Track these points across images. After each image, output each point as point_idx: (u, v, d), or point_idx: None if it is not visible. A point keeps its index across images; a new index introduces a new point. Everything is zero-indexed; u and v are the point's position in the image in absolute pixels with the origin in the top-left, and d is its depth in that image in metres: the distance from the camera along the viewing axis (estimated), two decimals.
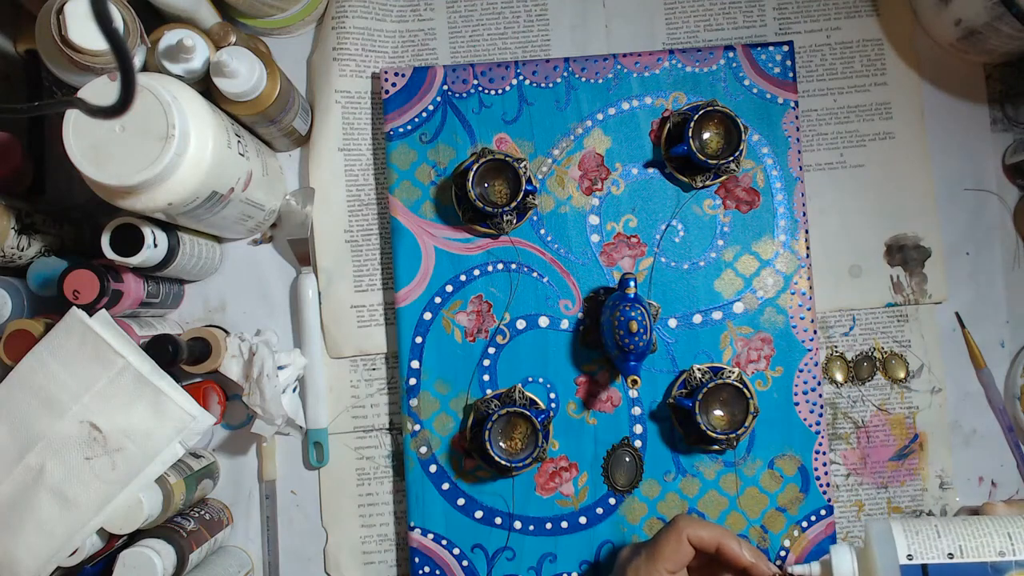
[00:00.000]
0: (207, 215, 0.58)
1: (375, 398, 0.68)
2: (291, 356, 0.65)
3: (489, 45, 0.70)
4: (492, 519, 0.64)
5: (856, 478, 0.68)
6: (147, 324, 0.63)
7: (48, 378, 0.56)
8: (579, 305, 0.65)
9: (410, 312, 0.65)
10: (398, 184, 0.66)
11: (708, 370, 0.63)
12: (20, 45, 0.66)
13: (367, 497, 0.68)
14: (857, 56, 0.69)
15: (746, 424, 0.61)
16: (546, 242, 0.66)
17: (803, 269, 0.65)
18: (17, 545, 0.55)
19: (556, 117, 0.66)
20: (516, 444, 0.63)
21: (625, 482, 0.64)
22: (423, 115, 0.66)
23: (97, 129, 0.49)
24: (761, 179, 0.66)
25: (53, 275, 0.59)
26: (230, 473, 0.68)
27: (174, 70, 0.55)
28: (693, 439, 0.63)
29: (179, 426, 0.57)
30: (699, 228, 0.66)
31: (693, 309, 0.65)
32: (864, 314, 0.68)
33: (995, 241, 0.69)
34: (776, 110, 0.66)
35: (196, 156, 0.52)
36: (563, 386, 0.65)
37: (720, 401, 0.62)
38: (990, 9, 0.61)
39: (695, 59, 0.66)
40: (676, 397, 0.63)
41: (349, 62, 0.68)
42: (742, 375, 0.63)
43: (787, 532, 0.64)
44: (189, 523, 0.61)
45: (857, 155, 0.69)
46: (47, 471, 0.55)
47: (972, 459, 0.68)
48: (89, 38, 0.51)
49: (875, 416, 0.68)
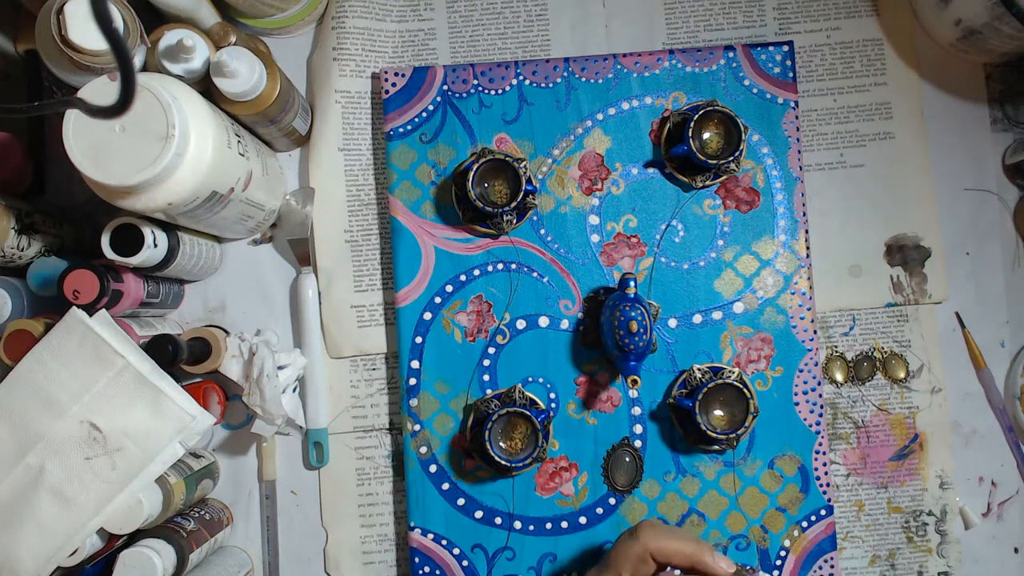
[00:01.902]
0: (207, 215, 0.58)
1: (375, 398, 0.68)
2: (291, 356, 0.65)
3: (489, 45, 0.70)
4: (492, 519, 0.64)
5: (856, 478, 0.67)
6: (147, 324, 0.63)
7: (48, 378, 0.56)
8: (579, 305, 0.65)
9: (410, 312, 0.65)
10: (398, 184, 0.66)
11: (708, 370, 0.63)
12: (20, 45, 0.66)
13: (367, 497, 0.68)
14: (857, 56, 0.69)
15: (746, 424, 0.61)
16: (546, 242, 0.66)
17: (803, 269, 0.65)
18: (17, 545, 0.55)
19: (556, 117, 0.66)
20: (516, 444, 0.63)
21: (625, 482, 0.64)
22: (423, 115, 0.66)
23: (97, 129, 0.49)
24: (761, 179, 0.66)
25: (53, 275, 0.59)
26: (230, 473, 0.68)
27: (174, 70, 0.55)
28: (693, 439, 0.63)
29: (179, 426, 0.57)
30: (699, 228, 0.66)
31: (693, 309, 0.65)
32: (864, 314, 0.68)
33: (995, 241, 0.69)
34: (776, 110, 0.66)
35: (196, 156, 0.52)
36: (563, 386, 0.65)
37: (720, 401, 0.62)
38: (990, 9, 0.61)
39: (695, 59, 0.66)
40: (676, 397, 0.63)
41: (349, 62, 0.68)
42: (742, 375, 0.63)
43: (787, 532, 0.64)
44: (189, 523, 0.61)
45: (857, 155, 0.69)
46: (47, 471, 0.55)
47: (972, 459, 0.68)
48: (89, 38, 0.51)
49: (875, 416, 0.68)
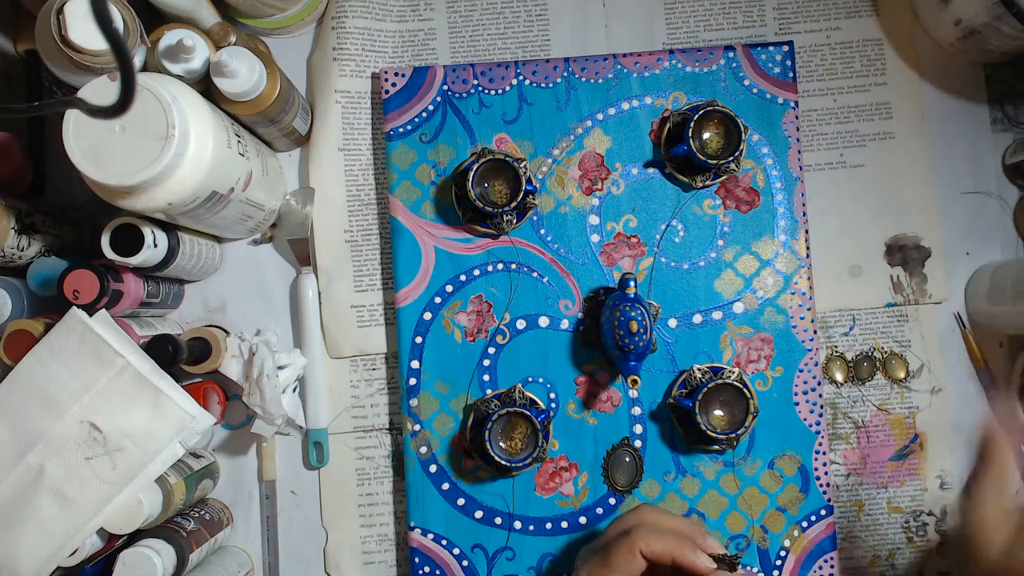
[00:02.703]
0: (207, 215, 0.58)
1: (375, 398, 0.68)
2: (291, 356, 0.65)
3: (489, 45, 0.70)
4: (492, 519, 0.64)
5: (856, 478, 0.67)
6: (147, 324, 0.63)
7: (48, 378, 0.56)
8: (579, 305, 0.65)
9: (410, 312, 0.65)
10: (398, 184, 0.66)
11: (708, 370, 0.63)
12: (20, 45, 0.66)
13: (367, 497, 0.68)
14: (857, 56, 0.69)
15: (746, 424, 0.61)
16: (546, 242, 0.66)
17: (803, 269, 0.65)
18: (17, 545, 0.55)
19: (556, 117, 0.66)
20: (516, 444, 0.63)
21: (625, 482, 0.64)
22: (423, 115, 0.66)
23: (97, 129, 0.49)
24: (761, 179, 0.66)
25: (53, 275, 0.59)
26: (230, 473, 0.68)
27: (174, 70, 0.55)
28: (693, 439, 0.63)
29: (179, 426, 0.57)
30: (699, 228, 0.66)
31: (693, 309, 0.65)
32: (864, 314, 0.68)
33: (995, 241, 0.69)
34: (776, 110, 0.66)
35: (196, 156, 0.52)
36: (563, 386, 0.65)
37: (720, 401, 0.62)
38: (990, 9, 0.61)
39: (695, 59, 0.66)
40: (676, 397, 0.63)
41: (349, 62, 0.68)
42: (742, 375, 0.63)
43: (787, 532, 0.64)
44: (189, 523, 0.61)
45: (857, 155, 0.69)
46: (47, 471, 0.55)
47: (972, 459, 0.68)
48: (89, 38, 0.51)
49: (875, 416, 0.68)
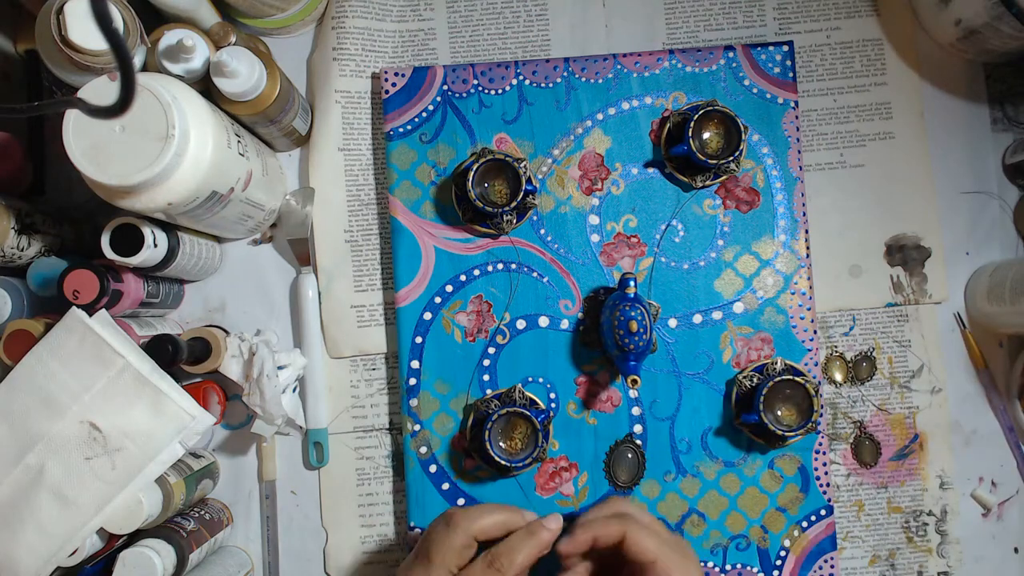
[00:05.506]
0: (207, 215, 0.58)
1: (375, 398, 0.68)
2: (291, 356, 0.65)
3: (489, 45, 0.70)
4: None
5: (856, 478, 0.67)
6: (147, 324, 0.63)
7: (48, 378, 0.56)
8: (579, 305, 0.65)
9: (410, 312, 0.65)
10: (398, 184, 0.66)
11: (753, 373, 0.63)
12: (20, 45, 0.66)
13: (367, 497, 0.68)
14: (857, 56, 0.69)
15: (815, 407, 0.61)
16: (546, 242, 0.66)
17: (803, 269, 0.65)
18: (17, 545, 0.55)
19: (556, 117, 0.66)
20: (516, 444, 0.63)
21: (627, 478, 0.64)
22: (423, 115, 0.66)
23: (97, 129, 0.49)
24: (761, 179, 0.66)
25: (53, 275, 0.59)
26: (230, 473, 0.68)
27: (174, 70, 0.55)
28: (776, 443, 0.63)
29: (179, 426, 0.57)
30: (699, 228, 0.66)
31: (693, 309, 0.65)
32: (864, 314, 0.68)
33: (995, 241, 0.69)
34: (776, 110, 0.66)
35: (196, 156, 0.52)
36: (563, 386, 0.65)
37: (780, 399, 0.62)
38: (990, 9, 0.61)
39: (695, 59, 0.66)
40: (742, 417, 0.62)
41: (349, 62, 0.68)
42: (791, 366, 0.63)
43: (787, 532, 0.64)
44: (189, 523, 0.61)
45: (857, 155, 0.69)
46: (47, 471, 0.55)
47: (972, 459, 0.68)
48: (89, 38, 0.51)
49: (875, 416, 0.68)
